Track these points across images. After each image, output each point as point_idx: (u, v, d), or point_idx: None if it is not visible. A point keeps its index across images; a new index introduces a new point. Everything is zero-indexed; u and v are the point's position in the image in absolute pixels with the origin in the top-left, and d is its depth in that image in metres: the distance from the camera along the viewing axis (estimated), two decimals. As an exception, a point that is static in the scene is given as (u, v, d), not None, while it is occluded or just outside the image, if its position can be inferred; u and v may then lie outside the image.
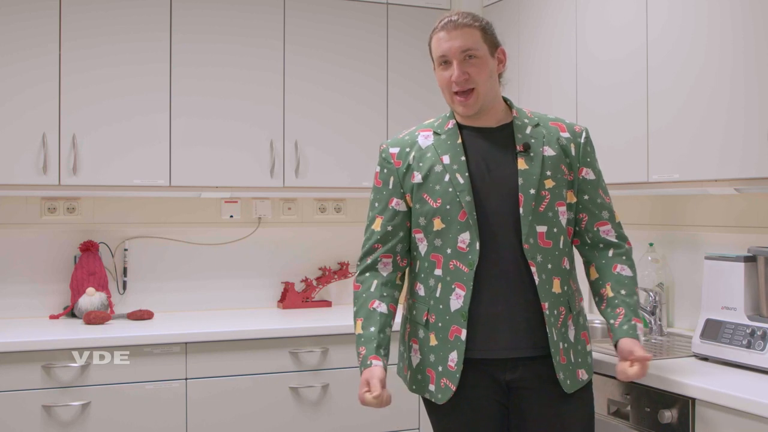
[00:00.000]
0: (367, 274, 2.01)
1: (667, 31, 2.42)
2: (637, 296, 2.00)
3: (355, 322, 2.00)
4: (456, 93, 1.94)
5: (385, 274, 2.01)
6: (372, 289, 1.99)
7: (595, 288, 2.03)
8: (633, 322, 1.94)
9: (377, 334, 1.94)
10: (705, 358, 2.23)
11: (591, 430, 2.00)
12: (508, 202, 1.91)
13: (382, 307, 1.97)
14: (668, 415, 2.00)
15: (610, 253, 2.02)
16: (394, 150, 2.02)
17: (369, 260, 2.01)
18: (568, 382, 1.92)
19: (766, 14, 2.11)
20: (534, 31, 3.03)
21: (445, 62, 1.95)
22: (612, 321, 1.96)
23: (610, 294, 1.98)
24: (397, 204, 2.00)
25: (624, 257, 2.02)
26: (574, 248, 2.06)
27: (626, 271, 2.01)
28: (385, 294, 1.99)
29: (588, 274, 2.06)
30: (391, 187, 2.01)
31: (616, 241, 2.03)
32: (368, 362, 1.91)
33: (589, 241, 2.03)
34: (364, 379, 1.89)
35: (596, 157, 2.04)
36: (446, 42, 1.93)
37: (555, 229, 1.94)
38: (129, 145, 3.04)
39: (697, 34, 2.31)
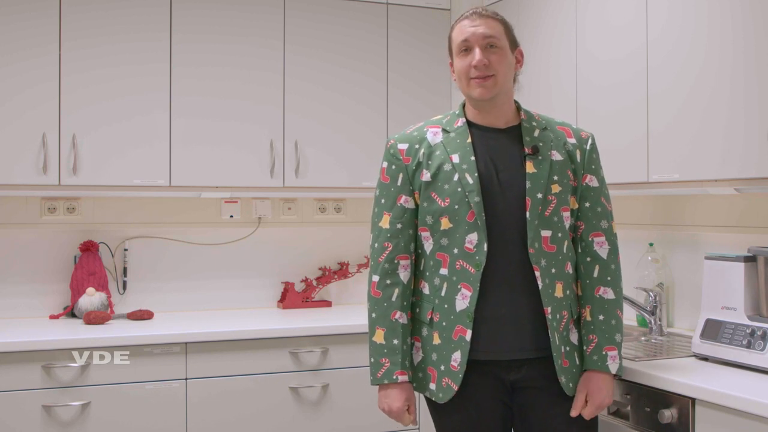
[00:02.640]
0: (388, 282, 1.98)
1: (667, 31, 2.41)
2: (616, 319, 1.97)
3: (373, 329, 1.98)
4: (474, 77, 1.93)
5: (405, 281, 1.99)
6: (393, 299, 1.97)
7: (579, 303, 2.02)
8: (604, 352, 1.93)
9: (401, 346, 1.95)
10: (705, 358, 2.23)
11: (595, 430, 2.01)
12: (515, 204, 1.91)
13: (404, 318, 1.98)
14: (668, 415, 2.00)
15: (596, 272, 1.98)
16: (403, 146, 2.00)
17: (386, 264, 1.98)
18: (571, 385, 1.93)
19: (766, 14, 2.11)
20: (534, 31, 3.03)
21: (465, 49, 1.94)
22: (585, 347, 1.97)
23: (588, 318, 1.97)
24: (405, 201, 1.99)
25: (609, 278, 1.98)
26: None
27: (608, 294, 1.98)
28: (405, 303, 1.99)
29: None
30: (399, 183, 1.99)
31: (604, 258, 1.99)
32: (394, 377, 1.94)
33: (579, 250, 2.01)
34: (404, 397, 1.94)
35: (601, 164, 2.04)
36: (470, 28, 1.93)
37: (559, 234, 1.93)
38: (129, 144, 3.04)
39: (697, 34, 2.31)
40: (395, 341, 1.95)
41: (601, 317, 1.96)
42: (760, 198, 2.49)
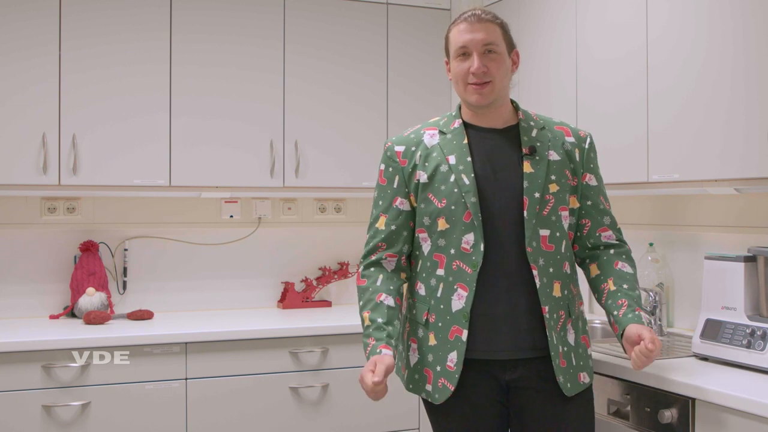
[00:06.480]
0: (372, 269, 2.00)
1: (667, 31, 2.41)
2: (638, 292, 1.99)
3: (361, 316, 1.95)
4: (471, 83, 1.93)
5: (389, 270, 2.00)
6: (378, 283, 1.97)
7: (596, 284, 2.03)
8: (637, 312, 1.92)
9: (385, 325, 1.90)
10: (705, 358, 2.23)
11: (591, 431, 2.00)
12: (512, 204, 1.91)
13: (389, 300, 1.94)
14: (668, 415, 2.00)
15: (612, 251, 2.03)
16: (400, 148, 2.01)
17: (373, 258, 2.01)
18: (569, 385, 1.92)
19: (766, 14, 2.11)
20: (534, 31, 3.03)
21: (463, 54, 1.94)
22: (615, 312, 1.94)
23: (612, 288, 1.97)
24: (401, 203, 2.00)
25: (624, 256, 2.04)
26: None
27: (627, 268, 2.02)
28: (391, 287, 1.97)
29: (588, 272, 2.05)
30: (395, 186, 2.00)
31: (616, 242, 2.05)
32: (378, 350, 1.86)
33: (589, 246, 2.04)
34: (372, 360, 1.82)
35: (598, 163, 2.06)
36: (468, 34, 1.92)
37: (557, 234, 1.94)
38: (129, 145, 3.04)
39: (697, 34, 2.31)
40: (380, 320, 1.90)
41: (625, 286, 1.97)
42: (760, 198, 2.49)
